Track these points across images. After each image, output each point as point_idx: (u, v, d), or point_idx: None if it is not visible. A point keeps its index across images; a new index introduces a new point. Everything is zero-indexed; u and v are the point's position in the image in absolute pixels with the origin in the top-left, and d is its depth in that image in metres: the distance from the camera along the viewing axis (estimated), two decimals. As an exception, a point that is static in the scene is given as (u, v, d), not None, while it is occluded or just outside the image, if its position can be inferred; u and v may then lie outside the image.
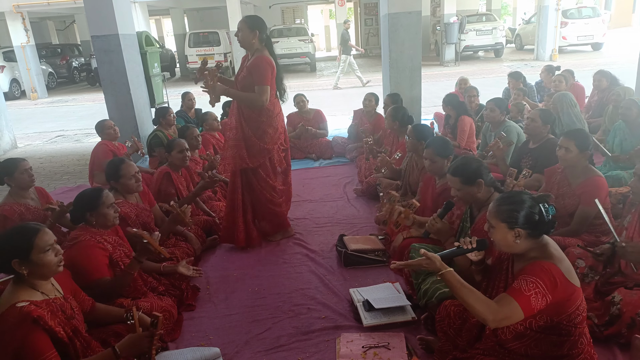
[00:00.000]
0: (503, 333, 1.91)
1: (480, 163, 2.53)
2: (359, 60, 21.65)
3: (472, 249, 1.97)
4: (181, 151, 3.92)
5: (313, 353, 2.46)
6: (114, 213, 2.68)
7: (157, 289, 2.85)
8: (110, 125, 4.91)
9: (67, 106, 13.81)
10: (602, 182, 2.84)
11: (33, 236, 1.95)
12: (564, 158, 2.92)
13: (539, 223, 1.82)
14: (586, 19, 16.06)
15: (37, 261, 1.93)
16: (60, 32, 25.67)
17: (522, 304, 1.69)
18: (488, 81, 11.77)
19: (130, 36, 6.28)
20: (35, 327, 1.81)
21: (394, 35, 6.10)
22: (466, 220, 2.59)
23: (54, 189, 5.69)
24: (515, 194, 1.94)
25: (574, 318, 1.79)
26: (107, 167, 3.27)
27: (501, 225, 1.84)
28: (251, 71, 3.45)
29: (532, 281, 1.71)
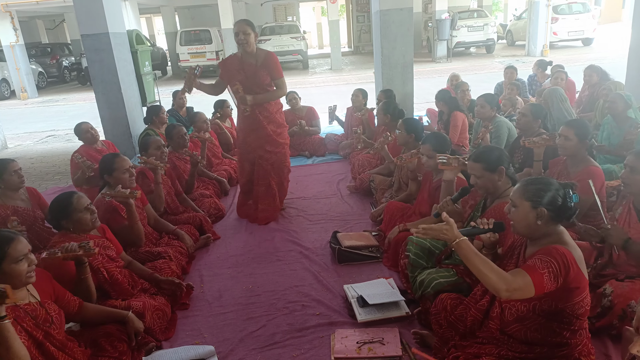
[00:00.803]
0: (506, 315, 1.93)
1: (502, 152, 2.52)
2: (350, 57, 21.69)
3: (487, 229, 1.98)
4: (157, 148, 3.88)
5: (308, 349, 2.46)
6: (91, 216, 2.60)
7: (148, 290, 2.82)
8: (87, 128, 4.60)
9: (58, 106, 13.70)
10: (599, 172, 2.89)
11: (6, 245, 1.90)
12: (564, 146, 2.99)
13: (562, 207, 1.84)
14: (576, 15, 16.17)
15: (8, 271, 1.89)
16: (50, 31, 25.42)
17: (535, 280, 1.69)
18: (480, 77, 11.83)
19: (120, 35, 6.24)
20: None
21: (385, 32, 6.11)
22: (478, 210, 2.59)
23: (45, 189, 5.65)
24: (542, 177, 1.97)
25: (577, 309, 1.81)
26: (101, 162, 3.28)
27: (525, 203, 1.85)
28: (270, 68, 3.81)
29: (546, 260, 1.72)
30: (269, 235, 3.89)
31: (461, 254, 1.77)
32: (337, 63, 17.17)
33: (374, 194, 4.39)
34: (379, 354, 2.34)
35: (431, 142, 3.13)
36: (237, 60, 3.85)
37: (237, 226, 4.15)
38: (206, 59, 17.24)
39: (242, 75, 3.79)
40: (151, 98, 7.32)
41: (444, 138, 3.21)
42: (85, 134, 4.61)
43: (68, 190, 2.74)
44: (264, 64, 3.79)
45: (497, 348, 1.94)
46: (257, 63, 3.80)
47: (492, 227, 1.98)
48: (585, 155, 2.99)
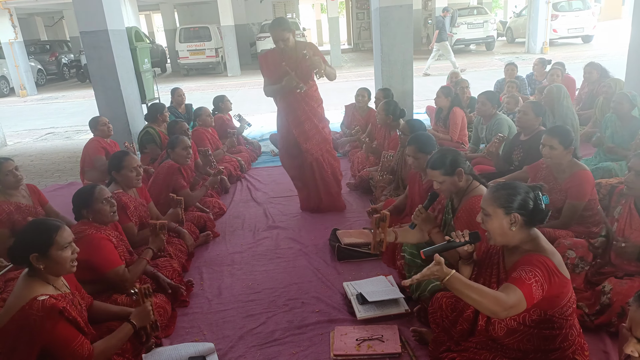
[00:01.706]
0: (494, 330, 1.93)
1: (457, 152, 2.52)
2: (350, 54, 21.65)
3: (464, 242, 1.96)
4: (185, 148, 3.96)
5: (307, 347, 2.46)
6: (110, 208, 2.69)
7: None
8: (104, 122, 4.88)
9: (57, 103, 13.68)
10: (588, 176, 2.87)
11: (54, 232, 1.99)
12: (549, 156, 2.91)
13: (535, 210, 1.83)
14: (576, 12, 16.13)
15: (55, 257, 1.97)
16: (49, 28, 25.36)
17: (525, 292, 1.69)
18: (480, 74, 11.81)
19: (119, 32, 6.22)
20: (61, 318, 1.86)
21: (385, 29, 6.10)
22: (448, 212, 2.59)
23: (45, 186, 5.65)
24: (509, 182, 1.95)
25: (565, 310, 1.81)
26: (111, 158, 3.35)
27: (498, 211, 1.84)
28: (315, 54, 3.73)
29: (530, 270, 1.72)
30: (269, 233, 3.90)
31: (453, 289, 1.73)
32: (337, 60, 17.13)
33: (374, 192, 4.40)
34: (378, 351, 2.35)
35: (416, 143, 3.10)
36: (277, 55, 3.82)
37: (237, 224, 4.15)
38: (205, 56, 17.22)
39: (283, 70, 3.73)
40: (150, 95, 7.31)
41: (429, 138, 3.15)
42: (101, 126, 4.87)
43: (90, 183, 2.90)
44: (304, 56, 3.72)
45: (492, 354, 1.95)
46: (297, 55, 3.75)
47: (467, 239, 1.95)
48: (571, 160, 2.93)
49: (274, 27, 3.71)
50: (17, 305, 1.86)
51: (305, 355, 2.40)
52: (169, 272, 2.98)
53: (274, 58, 3.83)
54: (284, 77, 3.72)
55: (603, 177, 3.71)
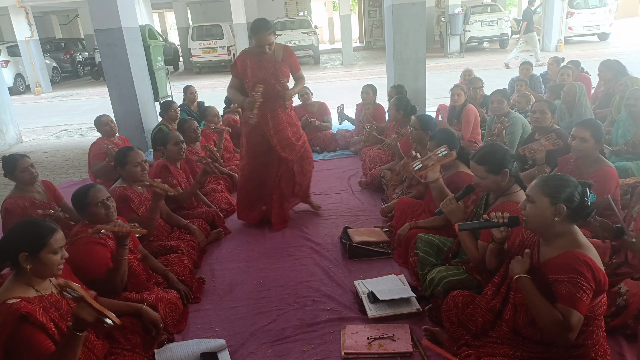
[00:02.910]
0: (520, 318, 1.91)
1: (507, 152, 2.46)
2: (362, 52, 21.58)
3: (502, 223, 1.96)
4: (176, 144, 3.92)
5: (318, 344, 2.46)
6: (105, 210, 2.62)
7: (161, 284, 2.86)
8: (106, 121, 4.76)
9: (72, 100, 13.85)
10: (613, 173, 2.83)
11: (48, 235, 1.95)
12: (579, 148, 2.89)
13: (580, 206, 1.82)
14: (592, 9, 15.87)
15: (44, 260, 1.93)
16: (64, 27, 25.68)
17: (581, 308, 1.72)
18: (493, 72, 11.70)
19: (133, 30, 6.27)
20: (24, 322, 1.80)
21: (398, 27, 6.06)
22: (480, 207, 2.57)
23: (59, 182, 5.72)
24: (561, 174, 1.95)
25: (596, 309, 1.79)
26: (116, 154, 3.36)
27: (544, 199, 1.83)
28: (290, 63, 3.74)
29: (576, 282, 1.72)
30: (280, 231, 3.90)
31: (525, 288, 1.83)
32: (349, 58, 17.09)
33: (385, 190, 4.38)
34: (390, 350, 2.34)
35: (438, 138, 3.09)
36: (255, 57, 3.64)
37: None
38: (218, 54, 17.28)
39: (263, 72, 3.61)
40: (163, 93, 7.37)
41: (451, 134, 3.15)
42: (104, 126, 4.76)
43: (88, 183, 2.79)
44: (284, 59, 3.68)
45: (512, 349, 1.92)
46: (275, 58, 3.66)
47: (507, 221, 1.96)
48: (599, 155, 2.91)
49: (259, 29, 3.47)
50: None
51: (316, 353, 2.40)
52: (180, 269, 3.01)
53: (252, 61, 3.63)
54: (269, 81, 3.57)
55: (619, 177, 3.64)
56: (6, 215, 3.22)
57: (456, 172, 3.05)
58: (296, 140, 3.86)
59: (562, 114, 4.77)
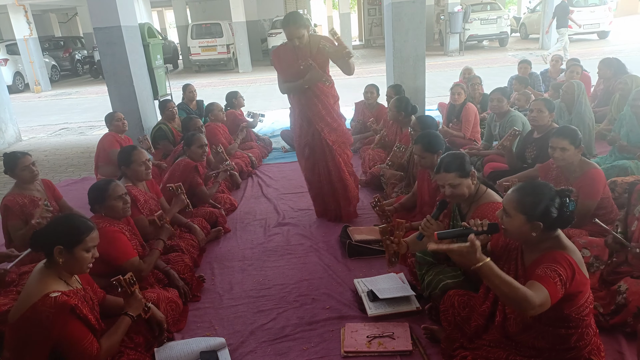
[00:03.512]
0: (510, 325, 1.91)
1: (464, 155, 2.48)
2: (361, 50, 21.56)
3: (482, 231, 1.92)
4: (200, 146, 4.00)
5: (318, 343, 2.47)
6: (123, 205, 2.72)
7: (162, 281, 2.86)
8: (119, 117, 4.93)
9: (71, 99, 13.83)
10: (600, 175, 2.83)
11: (86, 233, 2.01)
12: (562, 158, 2.86)
13: (559, 217, 1.79)
14: (592, 7, 15.88)
15: (77, 256, 1.98)
16: (63, 25, 25.63)
17: (550, 290, 1.66)
18: (492, 71, 11.69)
19: (132, 28, 6.26)
20: (72, 315, 1.87)
21: (397, 25, 6.05)
22: (455, 218, 2.54)
23: (58, 181, 5.72)
24: (537, 185, 1.88)
25: (582, 310, 1.79)
26: (120, 153, 3.37)
27: (520, 216, 1.80)
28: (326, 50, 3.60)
29: (554, 268, 1.70)
30: (279, 229, 3.90)
31: (485, 277, 1.70)
32: (348, 56, 17.03)
33: (384, 189, 4.38)
34: (389, 348, 2.34)
35: (422, 142, 3.07)
36: (290, 50, 3.63)
37: (248, 219, 4.16)
38: (217, 53, 17.26)
39: (297, 66, 3.57)
40: (163, 91, 7.36)
41: (436, 137, 3.11)
42: (116, 122, 4.92)
43: (105, 178, 2.92)
44: (319, 50, 3.59)
45: (506, 352, 1.93)
46: (311, 51, 3.59)
47: (486, 229, 1.92)
48: (581, 159, 2.89)
49: (288, 24, 3.49)
50: (30, 301, 1.86)
51: (316, 352, 2.40)
52: (180, 267, 3.01)
53: (287, 54, 3.67)
54: (301, 73, 3.56)
55: (619, 175, 3.64)
56: (5, 212, 3.23)
57: None
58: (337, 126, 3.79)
59: (562, 112, 4.76)
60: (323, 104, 3.72)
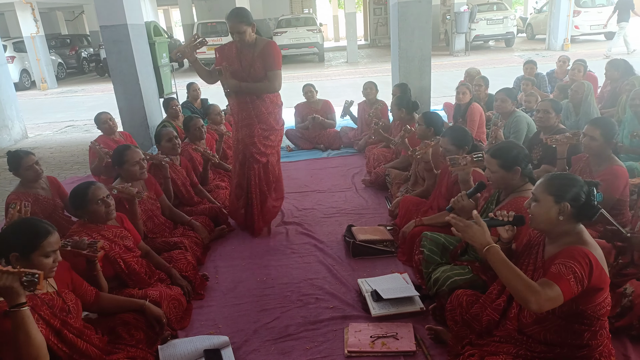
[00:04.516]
0: (524, 317, 1.90)
1: (522, 150, 2.46)
2: (367, 50, 21.53)
3: (507, 222, 1.95)
4: (169, 140, 3.91)
5: (321, 342, 2.46)
6: (106, 208, 2.60)
7: (165, 280, 2.86)
8: (105, 119, 4.69)
9: (77, 96, 13.89)
10: (623, 172, 2.81)
11: (42, 238, 1.93)
12: (589, 146, 2.90)
13: (585, 205, 1.81)
14: (600, 8, 15.74)
15: (35, 262, 1.91)
16: (69, 23, 25.74)
17: (563, 287, 1.66)
18: (498, 71, 11.64)
19: (138, 26, 6.28)
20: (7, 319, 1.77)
21: (403, 24, 6.04)
22: (492, 203, 2.56)
23: (64, 178, 5.74)
24: (567, 173, 1.93)
25: (599, 309, 1.77)
26: (113, 153, 3.32)
27: (548, 198, 1.82)
28: (265, 58, 3.43)
29: (570, 265, 1.69)
30: (284, 228, 3.90)
31: (492, 261, 1.75)
32: (353, 56, 17.05)
33: (389, 188, 4.37)
34: (393, 348, 2.33)
35: (450, 135, 3.10)
36: (234, 48, 3.49)
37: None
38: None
39: (237, 65, 3.46)
40: (168, 90, 7.38)
41: (464, 131, 3.16)
42: (103, 124, 4.70)
43: (87, 180, 2.76)
44: (261, 53, 3.43)
45: (515, 348, 1.92)
46: (254, 53, 3.44)
47: (512, 220, 1.95)
48: (610, 154, 2.90)
49: (230, 16, 3.34)
50: None
51: (319, 351, 2.40)
52: (183, 265, 3.01)
53: (230, 52, 3.50)
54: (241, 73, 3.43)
55: (626, 176, 3.62)
56: (8, 210, 3.22)
57: None
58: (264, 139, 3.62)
59: (568, 113, 4.74)
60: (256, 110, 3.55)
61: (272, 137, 3.67)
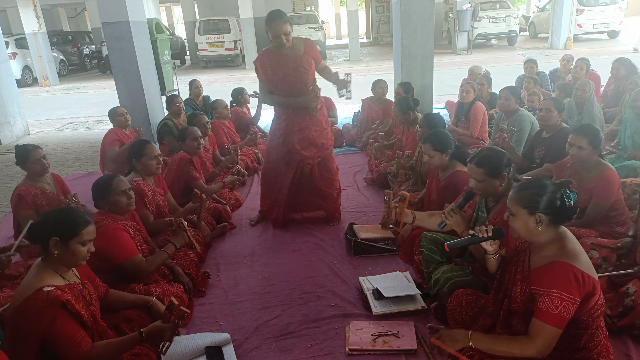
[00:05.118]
0: (518, 324, 1.90)
1: (504, 155, 2.45)
2: (369, 48, 21.49)
3: (487, 237, 1.95)
4: (195, 139, 3.96)
5: (322, 340, 2.46)
6: (127, 200, 2.72)
7: (167, 277, 2.87)
8: (121, 112, 4.93)
9: (79, 93, 13.89)
10: (614, 176, 2.80)
11: (82, 226, 2.01)
12: (577, 155, 2.85)
13: (561, 209, 1.79)
14: (602, 6, 15.70)
15: (72, 249, 1.98)
16: (72, 19, 25.75)
17: (555, 323, 1.70)
18: (501, 69, 11.61)
19: (140, 23, 6.27)
20: (63, 311, 1.85)
21: (406, 22, 6.02)
22: (481, 210, 2.55)
23: (66, 175, 5.74)
24: (536, 180, 1.90)
25: (593, 312, 1.77)
26: (132, 146, 3.40)
27: (522, 211, 1.81)
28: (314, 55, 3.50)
29: (554, 297, 1.69)
30: (285, 226, 3.90)
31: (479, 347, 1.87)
32: (355, 54, 17.03)
33: (391, 187, 4.36)
34: (394, 347, 2.33)
35: (431, 141, 3.06)
36: (274, 55, 3.48)
37: (253, 216, 4.15)
38: (224, 49, 17.27)
39: (282, 71, 3.43)
40: (170, 87, 7.37)
41: (445, 136, 3.09)
42: (118, 117, 4.93)
43: (110, 173, 2.91)
44: (306, 52, 3.45)
45: None
46: (297, 53, 3.44)
47: (491, 234, 1.95)
48: (597, 159, 2.86)
49: (273, 18, 3.31)
50: (24, 295, 1.85)
51: (320, 349, 2.40)
52: (185, 262, 3.02)
53: (271, 60, 3.49)
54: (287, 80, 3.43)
55: (628, 175, 3.61)
56: (19, 202, 3.30)
57: (454, 172, 3.04)
58: (319, 139, 3.66)
59: (571, 111, 4.73)
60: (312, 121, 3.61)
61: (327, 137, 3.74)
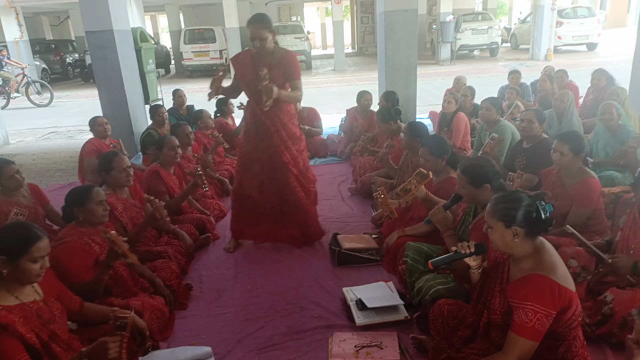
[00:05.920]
0: (497, 336, 1.91)
1: (492, 168, 2.48)
2: (354, 58, 21.66)
3: (470, 253, 1.97)
4: (172, 148, 3.90)
5: (305, 352, 2.45)
6: (103, 211, 2.65)
7: (148, 290, 2.82)
8: (101, 122, 4.78)
9: (61, 102, 13.70)
10: (596, 184, 2.85)
11: (31, 243, 1.90)
12: (559, 162, 2.91)
13: (536, 221, 1.81)
14: (581, 19, 16.11)
15: (22, 267, 1.88)
16: (55, 28, 25.46)
17: (529, 335, 1.71)
18: (483, 80, 11.79)
19: (125, 32, 6.24)
20: (3, 332, 1.76)
21: (390, 34, 6.10)
22: (469, 214, 2.59)
23: (46, 185, 5.65)
24: (511, 192, 1.93)
25: (570, 324, 1.79)
26: (100, 159, 3.28)
27: (498, 224, 1.83)
28: (286, 68, 3.37)
29: (530, 309, 1.71)
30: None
31: None
32: (341, 64, 17.15)
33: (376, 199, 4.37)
34: (377, 358, 2.33)
35: (429, 145, 3.11)
36: (249, 56, 3.43)
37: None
38: (210, 58, 17.24)
39: (252, 74, 3.34)
40: (154, 96, 7.32)
41: (442, 140, 3.17)
42: (98, 127, 4.78)
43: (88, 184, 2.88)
44: (280, 63, 3.36)
45: None
46: (272, 61, 3.35)
47: (473, 250, 1.97)
48: (581, 166, 2.92)
49: (252, 22, 3.26)
50: None
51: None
52: (167, 274, 2.96)
53: (245, 60, 3.45)
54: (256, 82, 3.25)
55: (606, 185, 3.68)
56: None
57: (447, 178, 3.08)
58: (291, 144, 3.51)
59: (552, 121, 4.81)
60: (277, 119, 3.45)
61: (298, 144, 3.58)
